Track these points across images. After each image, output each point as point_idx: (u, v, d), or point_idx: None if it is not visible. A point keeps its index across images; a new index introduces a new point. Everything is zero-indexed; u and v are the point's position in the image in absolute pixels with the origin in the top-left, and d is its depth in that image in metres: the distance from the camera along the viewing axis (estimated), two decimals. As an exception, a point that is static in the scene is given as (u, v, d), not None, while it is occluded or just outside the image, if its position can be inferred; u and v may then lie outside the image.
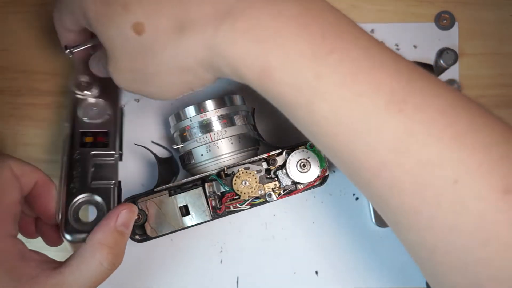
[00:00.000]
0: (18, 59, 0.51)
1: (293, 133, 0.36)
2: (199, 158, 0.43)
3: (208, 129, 0.43)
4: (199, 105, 0.43)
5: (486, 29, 0.51)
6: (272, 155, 0.43)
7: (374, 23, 0.51)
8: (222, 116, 0.43)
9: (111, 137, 0.44)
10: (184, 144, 0.44)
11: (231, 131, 0.43)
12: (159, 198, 0.43)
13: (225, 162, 0.43)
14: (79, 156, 0.42)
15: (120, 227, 0.38)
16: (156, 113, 0.51)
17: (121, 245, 0.37)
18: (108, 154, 0.43)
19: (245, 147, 0.44)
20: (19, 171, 0.37)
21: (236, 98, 0.45)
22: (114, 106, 0.45)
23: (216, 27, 0.30)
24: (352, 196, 0.50)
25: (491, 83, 0.51)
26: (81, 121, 0.43)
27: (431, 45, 0.51)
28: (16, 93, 0.51)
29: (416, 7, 0.51)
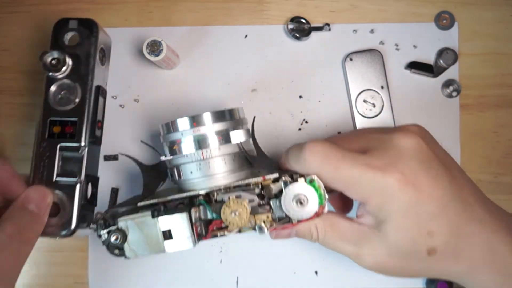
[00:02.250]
0: (18, 59, 0.51)
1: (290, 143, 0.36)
2: (187, 175, 0.40)
3: (200, 145, 0.39)
4: (193, 117, 0.39)
5: (486, 29, 0.51)
6: (267, 180, 0.38)
7: (374, 23, 0.51)
8: (217, 132, 0.40)
9: (79, 127, 0.40)
10: (172, 157, 0.40)
11: (226, 149, 0.40)
12: (141, 219, 0.39)
13: (216, 182, 0.39)
14: (47, 148, 0.40)
15: (32, 206, 0.37)
16: (156, 113, 0.51)
17: (33, 225, 0.36)
18: (75, 147, 0.40)
19: (239, 167, 0.40)
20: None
21: (236, 112, 0.42)
22: (84, 91, 0.41)
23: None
24: (352, 196, 0.50)
25: (491, 83, 0.51)
26: (51, 108, 0.41)
27: (431, 45, 0.51)
28: (16, 93, 0.51)
29: (416, 7, 0.51)
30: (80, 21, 0.43)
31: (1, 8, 0.52)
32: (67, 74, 0.41)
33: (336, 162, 0.36)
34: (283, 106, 0.51)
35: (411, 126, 0.38)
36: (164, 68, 0.50)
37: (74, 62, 0.41)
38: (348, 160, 0.35)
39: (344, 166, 0.35)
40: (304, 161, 0.36)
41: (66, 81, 0.41)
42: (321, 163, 0.36)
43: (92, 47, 0.42)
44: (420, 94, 0.51)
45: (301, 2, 0.51)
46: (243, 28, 0.51)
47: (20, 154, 0.51)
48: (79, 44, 0.42)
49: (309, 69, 0.51)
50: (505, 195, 0.50)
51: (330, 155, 0.36)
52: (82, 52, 0.42)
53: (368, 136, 0.38)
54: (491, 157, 0.51)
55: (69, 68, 0.41)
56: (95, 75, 0.42)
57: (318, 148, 0.36)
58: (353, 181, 0.35)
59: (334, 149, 0.36)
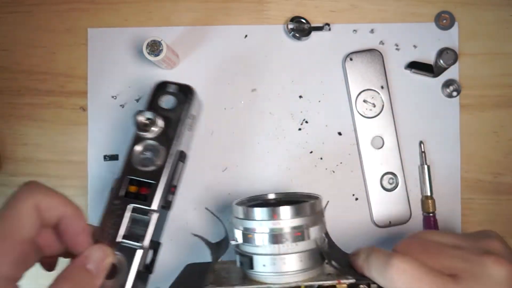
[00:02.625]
0: (18, 59, 0.51)
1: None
2: (259, 268, 0.38)
3: (277, 240, 0.37)
4: (273, 210, 0.37)
5: (486, 29, 0.51)
6: (342, 284, 0.37)
7: (374, 23, 0.51)
8: (297, 227, 0.37)
9: (153, 191, 0.39)
10: (245, 244, 0.39)
11: (303, 246, 0.37)
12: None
13: (289, 279, 0.37)
14: (119, 206, 0.39)
15: (90, 266, 0.35)
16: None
17: (88, 286, 0.35)
18: (145, 210, 0.39)
19: (314, 265, 0.38)
20: (45, 205, 0.34)
21: (317, 203, 0.39)
22: (166, 154, 0.40)
23: None
24: (352, 196, 0.50)
25: (491, 83, 0.51)
26: (132, 166, 0.40)
27: (431, 45, 0.51)
28: (16, 93, 0.51)
29: (416, 7, 0.51)
30: (179, 86, 0.43)
31: (1, 8, 0.52)
32: (155, 136, 0.41)
33: (425, 287, 0.35)
34: (283, 106, 0.51)
35: (495, 243, 0.38)
36: (164, 68, 0.50)
37: (165, 125, 0.41)
38: (438, 287, 0.35)
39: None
40: (390, 280, 0.36)
41: (153, 142, 0.41)
42: (409, 285, 0.35)
43: (184, 113, 0.42)
44: (420, 94, 0.51)
45: (301, 2, 0.51)
46: (243, 28, 0.51)
47: (20, 154, 0.51)
48: (173, 108, 0.42)
49: (309, 69, 0.51)
50: (505, 195, 0.50)
51: (419, 278, 0.35)
52: (174, 116, 0.41)
53: (456, 254, 0.37)
54: (491, 157, 0.51)
55: (159, 130, 0.41)
56: (181, 140, 0.41)
57: (406, 267, 0.35)
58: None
59: (423, 272, 0.35)
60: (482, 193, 0.50)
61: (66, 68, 0.51)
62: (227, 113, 0.51)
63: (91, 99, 0.51)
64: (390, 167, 0.50)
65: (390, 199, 0.50)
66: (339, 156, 0.50)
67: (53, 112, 0.51)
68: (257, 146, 0.50)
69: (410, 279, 0.35)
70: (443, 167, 0.50)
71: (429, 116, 0.50)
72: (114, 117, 0.51)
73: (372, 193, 0.50)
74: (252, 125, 0.51)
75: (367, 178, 0.50)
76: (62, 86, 0.51)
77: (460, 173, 0.50)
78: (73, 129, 0.51)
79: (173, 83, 0.43)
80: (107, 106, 0.51)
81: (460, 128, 0.50)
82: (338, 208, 0.50)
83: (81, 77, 0.51)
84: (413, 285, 0.35)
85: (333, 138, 0.50)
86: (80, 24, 0.51)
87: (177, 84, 0.43)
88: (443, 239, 0.40)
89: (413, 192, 0.50)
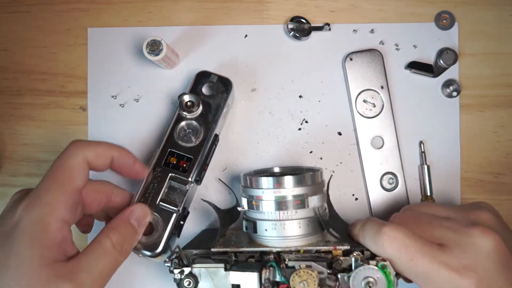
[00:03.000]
0: (18, 59, 0.51)
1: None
2: (262, 232, 0.41)
3: (279, 207, 0.41)
4: (277, 179, 0.41)
5: (486, 29, 0.51)
6: (338, 250, 0.40)
7: (374, 23, 0.51)
8: (297, 196, 0.41)
9: (192, 165, 0.45)
10: (250, 210, 0.43)
11: (302, 214, 0.41)
12: (214, 269, 0.40)
13: (288, 243, 0.41)
14: (160, 174, 0.45)
15: (133, 221, 0.40)
16: (155, 113, 0.51)
17: (131, 238, 0.40)
18: (183, 180, 0.45)
19: (312, 232, 0.42)
20: (93, 156, 0.39)
21: (318, 175, 0.43)
22: (206, 134, 0.46)
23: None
24: (352, 196, 0.50)
25: (491, 83, 0.51)
26: (173, 140, 0.46)
27: (431, 45, 0.51)
28: (16, 93, 0.51)
29: (416, 7, 0.51)
30: (220, 78, 0.47)
31: (1, 8, 0.52)
32: (195, 117, 0.46)
33: (413, 254, 0.37)
34: (283, 106, 0.51)
35: (485, 214, 0.40)
36: (164, 68, 0.50)
37: (204, 109, 0.46)
38: (425, 254, 0.37)
39: (421, 260, 0.36)
40: (381, 246, 0.38)
41: (193, 122, 0.46)
42: (398, 251, 0.37)
43: (223, 101, 0.47)
44: (420, 94, 0.51)
45: (301, 2, 0.51)
46: (243, 28, 0.51)
47: (20, 154, 0.51)
48: (212, 95, 0.47)
49: (309, 69, 0.51)
50: (505, 195, 0.50)
51: (408, 244, 0.37)
52: (213, 103, 0.47)
53: (445, 225, 0.39)
54: (491, 157, 0.51)
55: (199, 113, 0.46)
56: (218, 125, 0.46)
57: (396, 235, 0.37)
58: (427, 275, 0.37)
59: (413, 239, 0.37)
60: (482, 193, 0.50)
61: (66, 68, 0.51)
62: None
63: (91, 99, 0.51)
64: (390, 167, 0.50)
65: (390, 199, 0.50)
66: (339, 156, 0.50)
67: (53, 112, 0.51)
68: (257, 146, 0.50)
69: (399, 245, 0.37)
70: (443, 167, 0.50)
71: (429, 116, 0.50)
72: (114, 117, 0.51)
73: (372, 193, 0.50)
74: (251, 125, 0.51)
75: (367, 178, 0.50)
76: (62, 86, 0.51)
77: (460, 173, 0.50)
78: (73, 129, 0.51)
79: (214, 74, 0.48)
80: (107, 106, 0.51)
81: (460, 128, 0.50)
82: (338, 208, 0.50)
83: (81, 77, 0.51)
84: (401, 251, 0.37)
85: (333, 138, 0.50)
86: (80, 24, 0.51)
87: (217, 75, 0.48)
88: (435, 211, 0.42)
89: (413, 192, 0.50)
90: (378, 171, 0.50)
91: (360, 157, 0.50)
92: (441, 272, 0.36)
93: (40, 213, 0.35)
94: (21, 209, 0.36)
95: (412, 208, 0.44)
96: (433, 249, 0.37)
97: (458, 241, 0.37)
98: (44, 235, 0.35)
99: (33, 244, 0.34)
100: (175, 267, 0.40)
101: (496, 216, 0.41)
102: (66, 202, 0.36)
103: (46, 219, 0.35)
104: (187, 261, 0.41)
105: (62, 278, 0.34)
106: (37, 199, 0.36)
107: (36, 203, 0.36)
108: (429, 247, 0.37)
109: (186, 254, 0.41)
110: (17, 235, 0.34)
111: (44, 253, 0.34)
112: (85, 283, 0.34)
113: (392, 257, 0.37)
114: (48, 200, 0.36)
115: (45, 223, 0.35)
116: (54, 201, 0.36)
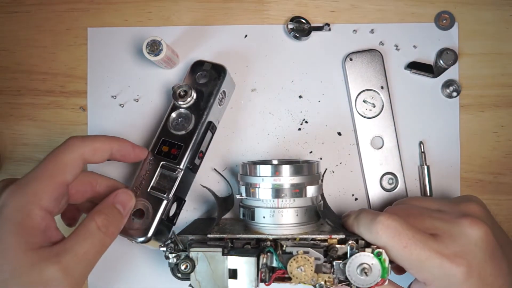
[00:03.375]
0: (18, 59, 0.51)
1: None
2: (259, 219, 0.42)
3: (277, 194, 0.42)
4: (276, 167, 0.42)
5: (486, 29, 0.51)
6: (333, 239, 0.41)
7: (374, 23, 0.51)
8: (294, 185, 0.42)
9: (183, 152, 0.45)
10: (247, 198, 0.43)
11: (300, 202, 0.42)
12: (212, 253, 0.41)
13: (285, 231, 0.42)
14: (152, 162, 0.46)
15: (117, 204, 0.41)
16: (154, 112, 0.51)
17: (117, 221, 0.40)
18: (173, 167, 0.45)
19: (309, 221, 0.42)
20: (90, 153, 0.40)
21: (315, 166, 0.44)
22: (197, 122, 0.46)
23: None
24: (352, 196, 0.50)
25: (491, 83, 0.51)
26: (167, 129, 0.46)
27: (431, 45, 0.51)
28: (16, 93, 0.51)
29: (416, 7, 0.51)
30: (213, 65, 0.48)
31: (1, 8, 0.52)
32: (189, 106, 0.46)
33: (406, 241, 0.38)
34: (283, 106, 0.51)
35: (474, 206, 0.42)
36: (164, 68, 0.50)
37: (198, 97, 0.47)
38: (418, 242, 0.38)
39: (414, 247, 0.38)
40: (376, 234, 0.39)
41: (185, 111, 0.46)
42: (392, 239, 0.38)
43: (216, 88, 0.47)
44: (420, 94, 0.51)
45: (301, 2, 0.51)
46: (243, 28, 0.51)
47: (20, 154, 0.51)
48: (206, 83, 0.47)
49: (309, 69, 0.51)
50: (505, 195, 0.50)
51: (401, 232, 0.38)
52: (206, 90, 0.47)
53: (436, 217, 0.41)
54: (491, 157, 0.51)
55: (192, 101, 0.46)
56: (210, 112, 0.46)
57: (391, 223, 0.39)
58: (420, 262, 0.38)
59: (406, 228, 0.38)
60: (482, 193, 0.50)
61: (66, 68, 0.51)
62: (226, 112, 0.51)
63: (91, 99, 0.51)
64: (390, 167, 0.50)
65: (389, 199, 0.50)
66: (338, 156, 0.50)
67: (53, 112, 0.51)
68: (256, 146, 0.50)
69: (393, 233, 0.38)
70: (443, 167, 0.50)
71: (429, 116, 0.50)
72: (114, 117, 0.51)
73: (371, 193, 0.50)
74: (251, 124, 0.51)
75: (366, 178, 0.50)
76: (62, 86, 0.51)
77: (460, 173, 0.50)
78: (73, 129, 0.51)
79: (208, 62, 0.48)
80: (107, 106, 0.51)
81: (460, 128, 0.50)
82: (338, 208, 0.50)
83: (81, 77, 0.51)
84: (395, 239, 0.38)
85: (333, 138, 0.50)
86: (80, 24, 0.51)
87: (211, 63, 0.48)
88: (427, 204, 0.44)
89: (413, 192, 0.50)
90: (378, 171, 0.50)
91: (360, 157, 0.50)
92: (432, 259, 0.37)
93: (24, 201, 0.36)
94: (5, 195, 0.36)
95: (404, 202, 0.46)
96: (426, 238, 0.38)
97: (448, 231, 0.39)
98: (27, 223, 0.35)
99: (17, 231, 0.35)
100: (171, 251, 0.41)
101: (484, 208, 0.42)
102: (52, 194, 0.37)
103: (29, 206, 0.36)
104: (183, 246, 0.41)
105: (46, 261, 0.34)
106: (22, 187, 0.36)
107: (21, 191, 0.36)
108: (422, 235, 0.38)
109: (181, 240, 0.42)
110: (1, 221, 0.35)
111: (29, 239, 0.35)
112: (69, 264, 0.35)
113: (386, 244, 0.38)
114: (34, 190, 0.36)
115: (28, 210, 0.35)
116: (40, 191, 0.36)
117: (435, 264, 0.37)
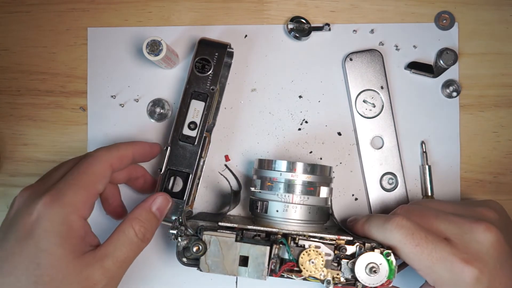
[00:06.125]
0: (18, 59, 0.51)
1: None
2: (272, 213, 0.43)
3: (292, 190, 0.43)
4: (293, 163, 0.43)
5: (486, 29, 0.51)
6: (341, 240, 0.41)
7: (374, 23, 0.51)
8: (310, 183, 0.43)
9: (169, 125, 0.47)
10: (262, 191, 0.44)
11: (313, 201, 0.43)
12: (225, 238, 0.41)
13: (296, 227, 0.43)
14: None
15: (155, 210, 0.42)
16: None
17: (153, 227, 0.41)
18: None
19: (319, 220, 0.44)
20: (117, 160, 0.43)
21: (328, 169, 0.45)
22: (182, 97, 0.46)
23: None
24: (352, 196, 0.50)
25: (491, 83, 0.51)
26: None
27: (431, 45, 0.51)
28: (16, 93, 0.51)
29: (416, 7, 0.51)
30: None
31: (1, 8, 0.52)
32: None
33: (418, 240, 0.39)
34: (283, 106, 0.51)
35: (489, 212, 0.41)
36: (164, 68, 0.50)
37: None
38: (430, 243, 0.39)
39: (425, 246, 0.38)
40: (390, 232, 0.40)
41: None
42: (405, 237, 0.39)
43: (192, 58, 0.47)
44: (420, 94, 0.51)
45: (301, 2, 0.51)
46: (243, 28, 0.51)
47: (20, 154, 0.51)
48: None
49: (309, 69, 0.51)
50: (505, 195, 0.50)
51: (415, 232, 0.39)
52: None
53: (449, 219, 0.41)
54: (491, 157, 0.51)
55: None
56: (190, 79, 0.46)
57: (405, 223, 0.40)
58: (430, 263, 0.38)
59: (420, 229, 0.39)
60: (482, 193, 0.50)
61: (66, 68, 0.51)
62: (226, 112, 0.51)
63: (91, 99, 0.51)
64: (390, 167, 0.50)
65: (389, 199, 0.50)
66: (338, 156, 0.50)
67: (53, 112, 0.51)
68: (256, 146, 0.50)
69: (406, 232, 0.39)
70: (443, 167, 0.50)
71: (429, 116, 0.50)
72: (114, 117, 0.51)
73: (371, 194, 0.50)
74: (251, 125, 0.51)
75: (366, 178, 0.50)
76: (62, 86, 0.51)
77: (460, 173, 0.50)
78: (73, 129, 0.51)
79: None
80: (107, 106, 0.51)
81: (460, 128, 0.50)
82: (338, 208, 0.50)
83: (81, 77, 0.51)
84: (408, 237, 0.39)
85: (333, 138, 0.50)
86: (80, 24, 0.51)
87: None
88: (442, 206, 0.44)
89: (413, 192, 0.50)
90: (378, 171, 0.50)
91: (360, 157, 0.50)
92: (443, 261, 0.38)
93: (64, 212, 0.37)
94: (41, 208, 0.37)
95: (420, 203, 0.46)
96: (438, 240, 0.39)
97: (461, 235, 0.39)
98: (71, 233, 0.37)
99: (62, 242, 0.37)
100: (181, 234, 0.41)
101: (501, 214, 0.42)
102: (87, 203, 0.39)
103: (70, 217, 0.38)
104: (193, 230, 0.42)
105: (91, 266, 0.37)
106: (60, 198, 0.38)
107: (59, 203, 0.37)
108: (434, 237, 0.39)
109: (191, 225, 0.42)
110: (41, 233, 0.36)
111: (74, 248, 0.37)
112: (111, 268, 0.38)
113: (398, 242, 0.39)
114: (71, 201, 0.38)
115: (70, 221, 0.37)
116: (77, 202, 0.38)
117: (445, 266, 0.38)
